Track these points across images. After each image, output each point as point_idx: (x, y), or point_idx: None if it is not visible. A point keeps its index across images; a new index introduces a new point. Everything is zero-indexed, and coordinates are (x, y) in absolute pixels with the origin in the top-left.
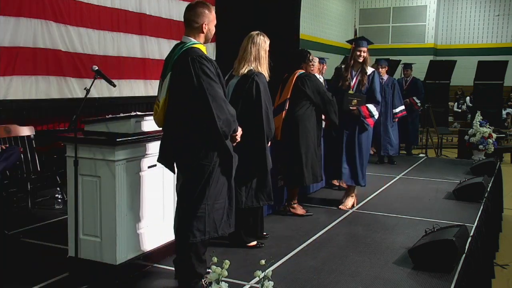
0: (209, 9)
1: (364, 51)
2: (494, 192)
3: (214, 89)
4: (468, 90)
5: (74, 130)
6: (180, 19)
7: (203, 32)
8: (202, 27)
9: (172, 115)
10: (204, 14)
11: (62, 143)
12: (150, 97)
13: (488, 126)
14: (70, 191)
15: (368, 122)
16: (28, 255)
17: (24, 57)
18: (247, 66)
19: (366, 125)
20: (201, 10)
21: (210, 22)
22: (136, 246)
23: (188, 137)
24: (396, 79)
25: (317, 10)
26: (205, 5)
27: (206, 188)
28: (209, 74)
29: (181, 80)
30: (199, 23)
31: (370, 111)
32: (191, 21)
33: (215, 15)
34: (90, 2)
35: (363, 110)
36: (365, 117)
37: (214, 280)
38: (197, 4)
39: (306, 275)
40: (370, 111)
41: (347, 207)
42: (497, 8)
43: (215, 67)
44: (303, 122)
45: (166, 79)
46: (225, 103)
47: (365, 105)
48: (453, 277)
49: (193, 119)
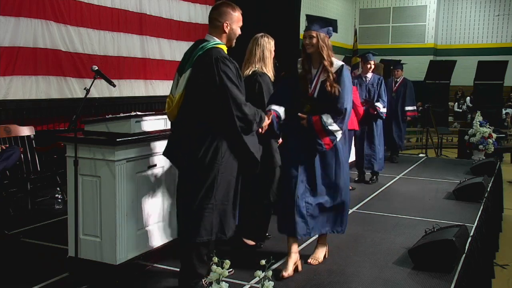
0: (234, 9)
1: (312, 36)
2: (494, 192)
3: (235, 91)
4: (468, 90)
5: (74, 130)
6: (180, 19)
7: (225, 31)
8: (224, 26)
9: (186, 111)
10: (227, 13)
11: (62, 143)
12: (150, 97)
13: (488, 126)
14: (70, 191)
15: (322, 142)
16: (28, 255)
17: (24, 57)
18: (251, 67)
19: (318, 147)
20: (224, 9)
21: (234, 22)
22: (136, 246)
23: (201, 134)
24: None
25: (317, 10)
26: (229, 5)
27: (214, 187)
28: (231, 76)
29: (202, 78)
30: (221, 22)
31: (325, 124)
32: (214, 20)
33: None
34: (90, 2)
35: (315, 124)
36: (317, 135)
37: (214, 280)
38: (222, 3)
39: (306, 275)
40: (324, 124)
41: (319, 261)
42: (497, 8)
43: (237, 69)
44: None
45: (185, 74)
46: (245, 105)
47: (318, 116)
48: (453, 277)
49: (209, 117)
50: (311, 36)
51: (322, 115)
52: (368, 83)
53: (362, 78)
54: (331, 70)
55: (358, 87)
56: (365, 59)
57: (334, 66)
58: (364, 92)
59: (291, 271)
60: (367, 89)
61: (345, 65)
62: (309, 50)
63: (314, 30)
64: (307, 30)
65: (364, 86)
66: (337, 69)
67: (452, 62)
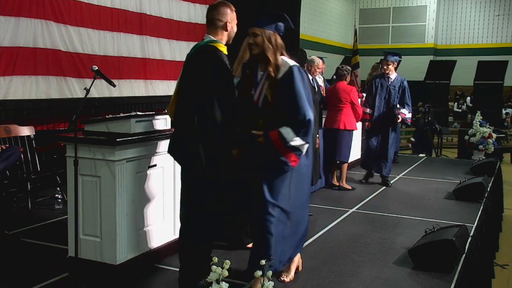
0: (231, 8)
1: (256, 33)
2: (494, 192)
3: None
4: (468, 90)
5: (74, 130)
6: (180, 19)
7: (227, 30)
8: (227, 25)
9: (180, 108)
10: (227, 12)
11: (62, 143)
12: (150, 97)
13: (488, 126)
14: (70, 191)
15: (287, 160)
16: (28, 255)
17: (24, 57)
18: None
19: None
20: (224, 8)
21: (233, 20)
22: (136, 246)
23: (192, 134)
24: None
25: (317, 10)
26: (227, 4)
27: (215, 187)
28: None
29: (193, 77)
30: (223, 21)
31: (286, 140)
32: (215, 20)
33: None
34: (90, 2)
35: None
36: (279, 151)
37: (214, 280)
38: (220, 3)
39: (306, 275)
40: (285, 141)
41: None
42: (497, 8)
43: (230, 73)
44: None
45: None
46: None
47: (277, 131)
48: (453, 277)
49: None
50: (255, 34)
51: (281, 130)
52: (390, 84)
53: (385, 78)
54: (272, 74)
55: (379, 87)
56: (384, 58)
57: (282, 69)
58: (385, 93)
59: (292, 276)
60: (388, 91)
61: (297, 65)
62: (254, 51)
63: (257, 27)
64: (250, 27)
65: (385, 87)
66: (285, 73)
67: (452, 62)
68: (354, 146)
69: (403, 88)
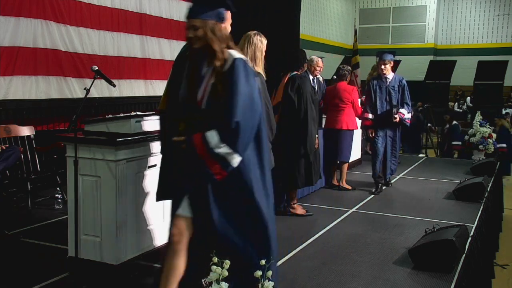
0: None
1: (195, 26)
2: (494, 192)
3: None
4: (468, 90)
5: (74, 130)
6: (180, 19)
7: None
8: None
9: None
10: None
11: (62, 143)
12: (150, 97)
13: (488, 126)
14: (70, 191)
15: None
16: (28, 255)
17: (24, 57)
18: None
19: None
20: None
21: (226, 21)
22: (136, 246)
23: None
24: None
25: (317, 10)
26: None
27: None
28: None
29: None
30: None
31: (209, 145)
32: None
33: None
34: (90, 2)
35: (196, 146)
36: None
37: (214, 280)
38: None
39: (306, 275)
40: (208, 146)
41: None
42: (497, 8)
43: None
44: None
45: None
46: None
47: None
48: (453, 277)
49: None
50: (194, 26)
51: (207, 133)
52: (389, 85)
53: (382, 80)
54: (218, 67)
55: (377, 89)
56: (380, 58)
57: (228, 63)
58: (385, 95)
59: None
60: (388, 92)
61: (243, 58)
62: (195, 45)
63: (196, 18)
64: (187, 19)
65: (384, 89)
66: (229, 66)
67: (452, 62)
68: (355, 146)
69: (403, 87)
